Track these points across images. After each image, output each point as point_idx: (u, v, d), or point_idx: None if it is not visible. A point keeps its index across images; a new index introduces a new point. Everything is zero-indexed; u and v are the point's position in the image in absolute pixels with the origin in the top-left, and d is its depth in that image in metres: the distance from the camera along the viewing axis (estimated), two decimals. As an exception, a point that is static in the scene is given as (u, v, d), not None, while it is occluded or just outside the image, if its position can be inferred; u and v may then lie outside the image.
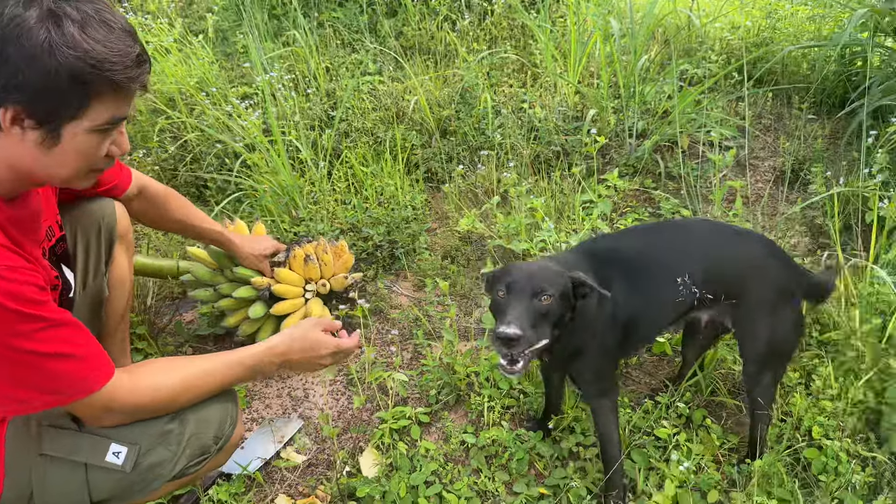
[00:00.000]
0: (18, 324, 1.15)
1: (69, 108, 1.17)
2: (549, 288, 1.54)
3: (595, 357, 1.74)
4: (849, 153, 3.08)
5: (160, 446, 1.42)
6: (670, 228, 1.85)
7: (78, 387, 1.26)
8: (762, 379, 1.79)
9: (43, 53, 1.10)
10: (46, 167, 1.23)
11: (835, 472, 1.83)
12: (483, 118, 3.37)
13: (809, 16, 4.32)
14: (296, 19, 4.42)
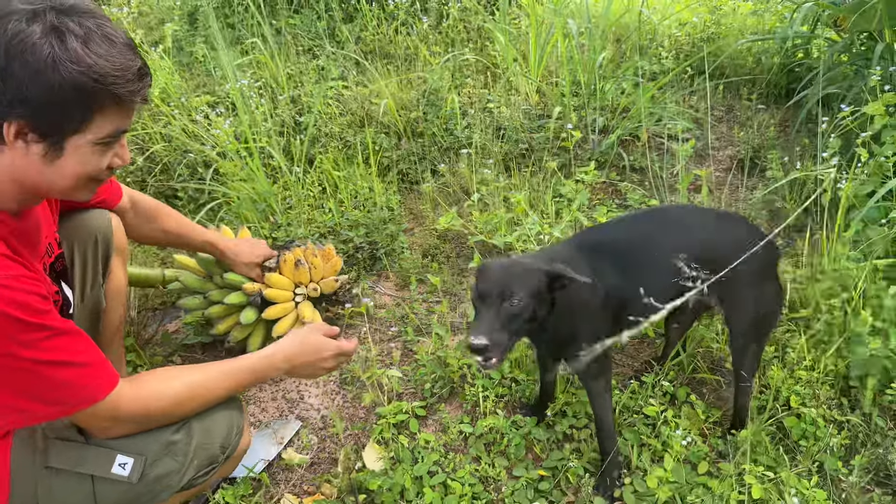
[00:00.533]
0: (22, 333, 1.16)
1: (73, 121, 1.19)
2: (517, 290, 1.59)
3: (589, 341, 1.81)
4: (799, 140, 3.25)
5: (167, 457, 1.43)
6: (658, 215, 1.93)
7: (81, 396, 1.27)
8: (748, 350, 1.91)
9: (47, 68, 1.12)
10: (50, 180, 1.25)
11: (814, 437, 1.96)
12: (451, 119, 3.43)
13: (752, 10, 4.52)
14: (252, 27, 4.42)
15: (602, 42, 3.58)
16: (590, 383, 1.87)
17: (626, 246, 1.82)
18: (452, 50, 4.19)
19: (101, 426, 1.36)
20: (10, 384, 1.20)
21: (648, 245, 1.82)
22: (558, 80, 3.73)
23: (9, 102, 1.13)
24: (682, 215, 1.93)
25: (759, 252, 1.86)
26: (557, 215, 2.80)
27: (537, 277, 1.63)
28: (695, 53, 4.12)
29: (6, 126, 1.15)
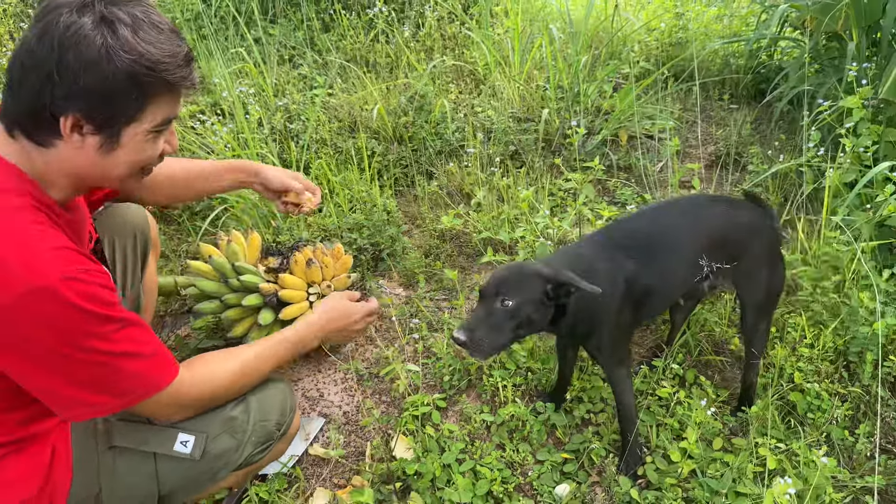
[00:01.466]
0: (96, 325, 1.18)
1: (127, 111, 1.21)
2: (510, 294, 1.65)
3: (611, 332, 1.87)
4: (776, 135, 3.40)
5: (226, 434, 1.48)
6: (674, 206, 2.02)
7: (148, 385, 1.30)
8: (760, 326, 2.02)
9: (101, 59, 1.13)
10: (104, 170, 1.27)
11: (819, 409, 2.07)
12: (439, 123, 3.50)
13: (716, 15, 4.72)
14: (228, 38, 4.43)
15: (584, 47, 3.69)
16: (611, 370, 1.94)
17: (647, 238, 1.90)
18: (430, 56, 4.27)
19: (164, 413, 1.40)
20: (81, 378, 1.21)
21: (669, 235, 1.91)
22: (539, 84, 3.83)
23: (64, 96, 1.14)
24: (696, 204, 2.02)
25: (769, 233, 1.97)
26: (562, 210, 2.89)
27: (538, 284, 1.68)
28: (663, 57, 4.28)
29: (63, 120, 1.16)
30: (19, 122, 1.18)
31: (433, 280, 2.78)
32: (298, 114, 3.59)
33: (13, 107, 1.18)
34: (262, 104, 3.61)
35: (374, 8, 4.45)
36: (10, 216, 1.14)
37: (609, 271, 1.81)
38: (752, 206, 2.03)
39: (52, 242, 1.15)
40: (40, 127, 1.17)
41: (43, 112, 1.15)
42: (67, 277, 1.12)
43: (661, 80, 4.02)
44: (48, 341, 1.14)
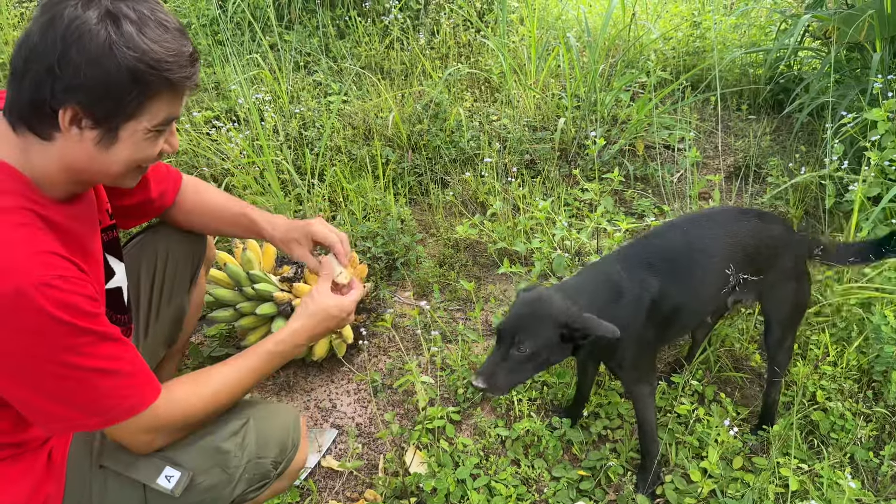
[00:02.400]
0: (69, 337, 1.13)
1: (127, 107, 1.17)
2: (527, 339, 1.63)
3: (634, 350, 1.82)
4: (797, 147, 3.36)
5: (217, 468, 1.40)
6: (703, 220, 1.96)
7: (124, 407, 1.23)
8: (785, 341, 1.99)
9: (104, 54, 1.11)
10: (102, 166, 1.24)
11: (842, 429, 2.02)
12: (454, 131, 3.48)
13: (734, 25, 4.67)
14: (244, 43, 4.43)
15: (601, 56, 3.66)
16: (634, 388, 1.90)
17: (675, 255, 1.85)
18: (444, 64, 4.26)
19: (142, 440, 1.32)
20: (52, 391, 1.16)
21: (698, 251, 1.86)
22: (555, 93, 3.80)
23: (64, 89, 1.12)
24: (727, 218, 1.96)
25: (796, 247, 1.94)
26: (578, 220, 2.86)
27: (554, 328, 1.64)
28: (681, 67, 4.24)
29: (61, 112, 1.14)
30: (22, 114, 1.16)
31: (447, 290, 2.75)
32: (313, 121, 3.57)
33: (17, 98, 1.15)
34: (277, 111, 3.60)
35: (389, 15, 4.44)
36: None
37: (634, 293, 1.77)
38: (781, 218, 2.00)
39: (34, 246, 1.12)
40: (41, 119, 1.15)
41: (43, 105, 1.13)
42: (42, 283, 1.08)
43: (679, 90, 3.99)
44: (19, 348, 1.10)
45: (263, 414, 1.51)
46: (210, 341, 2.44)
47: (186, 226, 1.84)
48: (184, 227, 1.84)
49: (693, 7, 4.89)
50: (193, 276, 1.92)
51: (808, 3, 3.66)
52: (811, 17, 3.25)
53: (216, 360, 2.39)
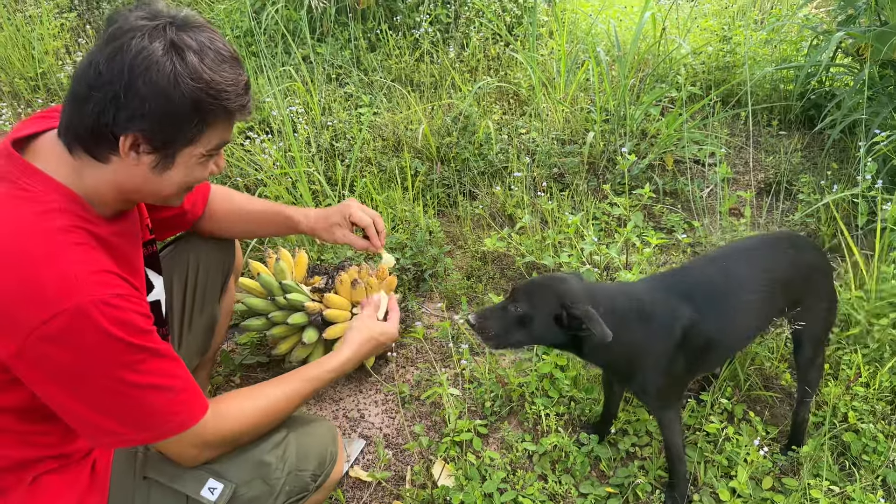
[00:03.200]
0: (125, 354, 1.16)
1: (187, 135, 1.22)
2: (523, 303, 1.68)
3: (656, 377, 1.81)
4: (828, 164, 3.33)
5: (258, 480, 1.43)
6: (740, 254, 1.95)
7: (175, 422, 1.26)
8: (817, 359, 1.99)
9: (169, 85, 1.15)
10: (154, 189, 1.29)
11: (874, 451, 2.00)
12: (483, 144, 3.50)
13: (765, 40, 4.65)
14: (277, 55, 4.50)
15: (631, 70, 3.67)
16: (658, 413, 1.90)
17: (713, 288, 1.84)
18: (473, 77, 4.29)
19: (189, 454, 1.35)
20: (105, 406, 1.20)
21: (737, 286, 1.85)
22: (584, 107, 3.81)
23: (129, 117, 1.16)
24: (763, 248, 1.96)
25: (828, 272, 1.93)
26: (607, 234, 2.86)
27: (553, 306, 1.67)
28: (710, 81, 4.23)
29: (123, 139, 1.18)
30: (80, 137, 1.20)
31: (475, 302, 2.76)
32: (344, 132, 3.62)
33: (77, 122, 1.19)
34: (309, 122, 3.65)
35: (419, 29, 4.48)
36: (53, 237, 1.15)
37: (664, 319, 1.76)
38: (811, 242, 1.99)
39: (92, 266, 1.15)
40: (101, 144, 1.19)
41: (105, 131, 1.17)
42: (101, 302, 1.12)
43: (710, 105, 3.97)
44: (76, 364, 1.14)
45: (302, 427, 1.55)
46: (241, 349, 2.48)
47: (217, 233, 1.89)
48: (215, 234, 1.89)
49: (723, 22, 4.88)
50: (223, 285, 1.97)
51: (840, 20, 3.63)
52: (844, 34, 3.23)
53: (247, 367, 2.44)
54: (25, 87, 4.38)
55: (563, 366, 2.30)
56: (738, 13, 5.11)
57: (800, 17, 4.75)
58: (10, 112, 3.99)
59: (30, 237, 1.13)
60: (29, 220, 1.15)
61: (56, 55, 4.59)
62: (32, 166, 1.21)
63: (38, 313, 1.09)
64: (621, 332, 1.65)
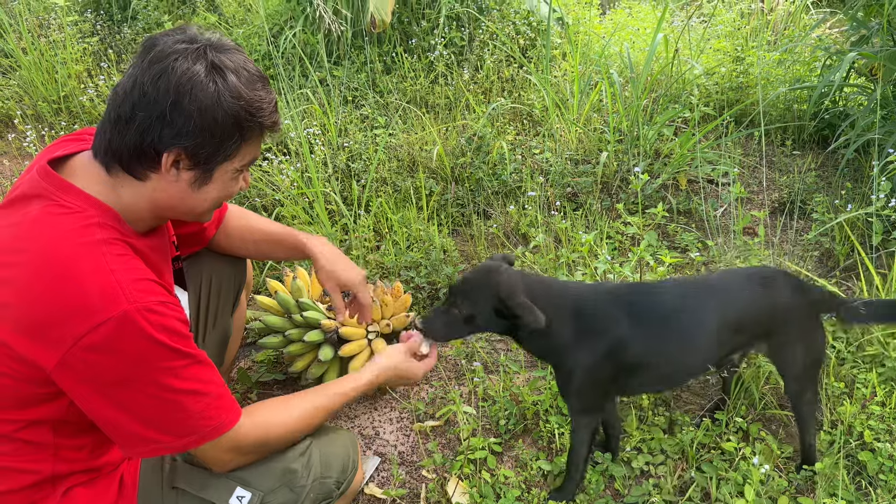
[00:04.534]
0: (168, 359, 1.21)
1: (227, 151, 1.29)
2: (465, 303, 1.77)
3: (572, 378, 1.85)
4: (842, 183, 3.33)
5: (284, 487, 1.48)
6: (703, 286, 1.93)
7: (211, 427, 1.31)
8: (805, 394, 1.96)
9: (214, 103, 1.22)
10: (191, 204, 1.35)
11: (890, 471, 1.99)
12: (497, 163, 3.54)
13: (778, 61, 4.67)
14: (295, 78, 4.58)
15: (644, 90, 3.70)
16: (573, 415, 1.94)
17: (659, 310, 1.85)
18: (487, 98, 4.34)
19: (223, 459, 1.40)
20: (146, 413, 1.24)
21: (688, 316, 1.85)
22: (597, 127, 3.85)
23: (174, 134, 1.22)
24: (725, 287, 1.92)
25: (804, 309, 1.92)
26: (620, 254, 2.87)
27: (491, 300, 1.74)
28: (724, 102, 4.26)
29: (166, 155, 1.24)
30: (122, 156, 1.25)
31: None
32: (360, 153, 3.67)
33: (119, 142, 1.24)
34: (326, 143, 3.71)
35: (434, 51, 4.55)
36: (94, 248, 1.20)
37: (600, 325, 1.80)
38: (792, 279, 1.95)
39: (134, 274, 1.21)
40: (142, 161, 1.25)
41: (148, 148, 1.23)
42: (146, 309, 1.17)
43: (723, 125, 4.00)
44: (120, 371, 1.18)
45: (324, 436, 1.61)
46: (258, 367, 2.51)
47: (230, 251, 1.94)
48: (227, 252, 1.94)
49: (736, 43, 4.91)
50: (235, 300, 2.02)
51: (853, 41, 3.65)
52: (857, 54, 3.25)
53: (264, 385, 2.46)
54: (48, 111, 4.48)
55: (577, 384, 2.31)
56: (750, 34, 5.14)
57: (813, 38, 4.77)
58: (34, 134, 4.08)
59: (72, 249, 1.18)
60: (70, 234, 1.20)
61: (79, 79, 4.70)
62: (70, 183, 1.26)
63: (84, 323, 1.14)
64: (554, 325, 1.74)
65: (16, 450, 1.26)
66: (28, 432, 1.26)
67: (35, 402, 1.23)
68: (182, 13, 5.79)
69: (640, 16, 5.77)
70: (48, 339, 1.14)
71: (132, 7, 5.62)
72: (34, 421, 1.25)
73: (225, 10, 5.58)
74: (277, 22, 4.92)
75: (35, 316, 1.15)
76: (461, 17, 4.80)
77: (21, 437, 1.25)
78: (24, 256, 1.19)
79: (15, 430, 1.25)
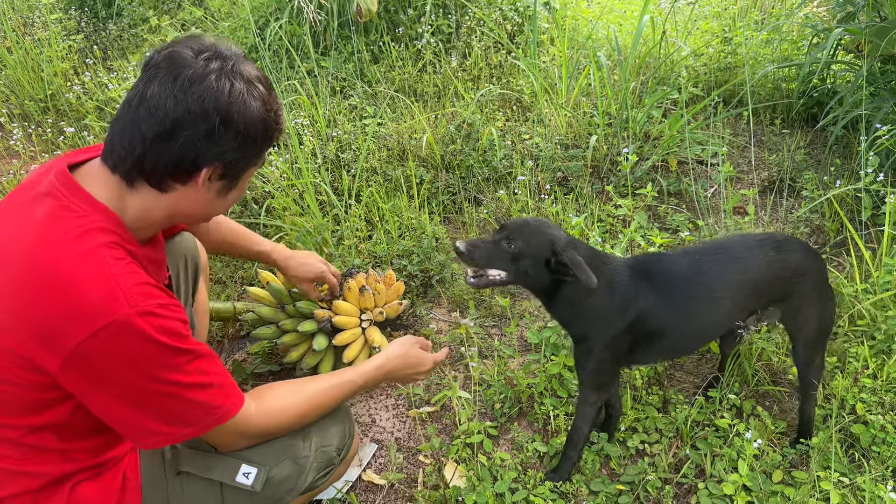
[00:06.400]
0: (171, 357, 1.23)
1: (258, 158, 1.35)
2: (517, 240, 1.74)
3: (599, 352, 1.86)
4: (831, 160, 3.34)
5: (288, 460, 1.53)
6: (720, 250, 1.94)
7: (217, 415, 1.34)
8: (814, 360, 1.99)
9: (257, 118, 1.27)
10: (210, 210, 1.39)
11: (883, 442, 2.00)
12: (487, 150, 3.54)
13: (766, 40, 4.67)
14: (282, 70, 4.56)
15: (632, 73, 3.70)
16: (582, 390, 1.94)
17: (683, 280, 1.86)
18: (476, 85, 4.33)
19: (229, 442, 1.45)
20: (154, 409, 1.27)
21: (706, 283, 1.86)
22: (587, 111, 3.84)
23: (221, 151, 1.26)
24: (743, 248, 1.93)
25: (816, 272, 1.93)
26: (612, 236, 2.88)
27: (546, 248, 1.74)
28: (712, 82, 4.25)
29: (206, 170, 1.27)
30: (155, 171, 1.26)
31: (482, 307, 2.79)
32: (349, 143, 3.66)
33: (154, 158, 1.24)
34: (315, 134, 3.70)
35: (421, 39, 4.54)
36: (95, 252, 1.20)
37: (627, 294, 1.81)
38: (801, 244, 1.98)
39: (133, 278, 1.22)
40: (175, 176, 1.27)
41: (189, 164, 1.25)
42: (145, 312, 1.19)
43: (711, 106, 4.00)
44: (125, 373, 1.20)
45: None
46: (253, 358, 2.51)
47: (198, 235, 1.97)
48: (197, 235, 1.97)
49: (724, 23, 4.90)
50: (194, 289, 2.00)
51: (839, 17, 3.65)
52: (843, 30, 3.25)
53: (258, 377, 2.46)
54: (35, 109, 4.46)
55: (572, 366, 2.32)
56: (738, 14, 5.13)
57: (800, 16, 4.76)
58: (20, 132, 4.06)
59: (73, 253, 1.19)
60: (72, 237, 1.20)
61: (65, 76, 4.67)
62: (80, 186, 1.26)
63: (87, 327, 1.15)
64: (592, 300, 1.74)
65: (22, 454, 1.28)
66: (33, 437, 1.28)
67: (39, 408, 1.25)
68: (167, 8, 5.76)
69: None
70: (52, 342, 1.16)
71: (117, 3, 5.58)
72: (39, 426, 1.27)
73: (210, 4, 5.55)
74: (263, 14, 4.89)
75: (39, 319, 1.16)
76: (448, 4, 4.78)
77: (26, 441, 1.28)
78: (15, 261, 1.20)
79: (20, 435, 1.27)
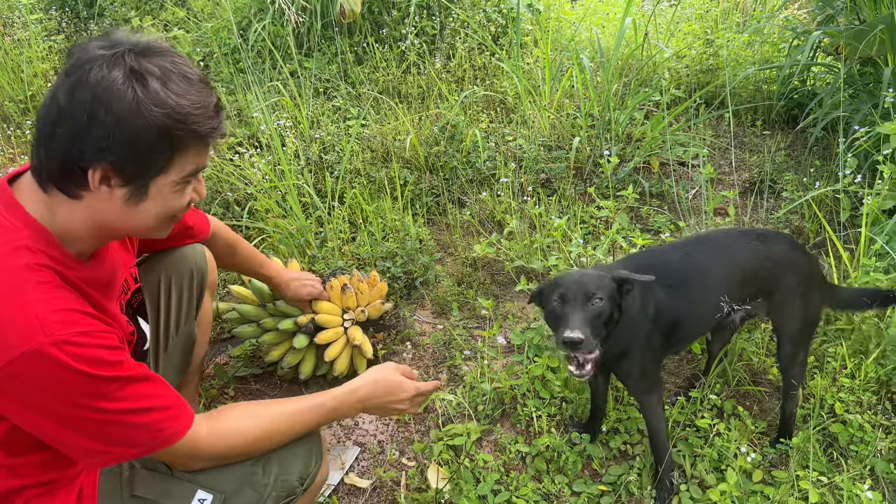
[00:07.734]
0: (96, 386, 1.16)
1: (157, 163, 1.18)
2: (598, 291, 1.70)
3: (641, 356, 1.88)
4: (811, 161, 3.38)
5: (247, 488, 1.43)
6: (705, 241, 2.01)
7: (161, 438, 1.27)
8: (797, 356, 2.01)
9: (132, 114, 1.12)
10: (132, 222, 1.25)
11: (861, 441, 2.03)
12: (471, 152, 3.54)
13: (746, 42, 4.71)
14: (265, 71, 4.54)
15: (615, 75, 3.71)
16: (642, 398, 1.94)
17: (679, 270, 1.91)
18: (460, 87, 4.33)
19: (181, 462, 1.38)
20: (91, 432, 1.20)
21: (700, 269, 1.92)
22: (570, 113, 3.86)
23: (95, 150, 1.13)
24: (729, 239, 2.01)
25: (802, 266, 1.96)
26: (594, 238, 2.89)
27: (610, 283, 1.74)
28: (694, 84, 4.29)
29: (91, 172, 1.15)
30: (51, 174, 1.18)
31: (466, 308, 2.79)
32: (333, 145, 3.65)
33: (46, 160, 1.17)
34: (298, 136, 3.68)
35: (405, 41, 4.54)
36: (16, 275, 1.13)
37: (643, 293, 1.83)
38: (786, 238, 2.02)
39: (53, 305, 1.13)
40: (71, 180, 1.17)
41: (73, 165, 1.15)
42: (61, 341, 1.11)
43: (693, 107, 4.03)
44: (49, 401, 1.14)
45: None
46: (234, 361, 2.50)
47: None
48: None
49: (706, 25, 4.94)
50: (198, 303, 1.95)
51: (819, 20, 3.69)
52: (822, 33, 3.29)
53: (240, 380, 2.45)
54: (15, 111, 4.41)
55: (555, 367, 2.33)
56: (720, 16, 5.18)
57: (780, 18, 4.81)
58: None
59: None
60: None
61: (45, 77, 4.63)
62: (15, 199, 1.20)
63: (2, 356, 1.08)
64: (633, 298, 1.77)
65: None
66: None
67: None
68: (150, 9, 5.72)
69: (610, 1, 5.79)
70: None
71: (98, 4, 5.54)
72: None
73: (193, 5, 5.51)
74: (246, 15, 4.87)
75: None
76: (431, 5, 4.79)
77: None
78: None
79: None
